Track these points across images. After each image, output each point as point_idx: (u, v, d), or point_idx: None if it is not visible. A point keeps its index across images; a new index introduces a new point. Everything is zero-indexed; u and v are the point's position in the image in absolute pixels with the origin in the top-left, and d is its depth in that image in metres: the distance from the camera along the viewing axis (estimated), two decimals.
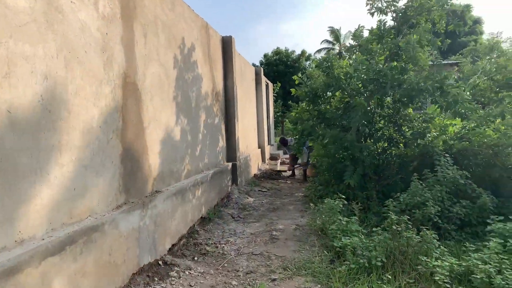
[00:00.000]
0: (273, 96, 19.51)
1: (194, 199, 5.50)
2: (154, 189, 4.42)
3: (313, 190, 7.69)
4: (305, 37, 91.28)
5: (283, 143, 11.34)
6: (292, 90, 7.95)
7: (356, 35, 7.66)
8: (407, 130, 7.37)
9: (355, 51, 7.77)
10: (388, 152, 7.69)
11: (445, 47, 7.70)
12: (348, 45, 7.75)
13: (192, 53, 5.90)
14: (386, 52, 7.22)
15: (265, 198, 7.88)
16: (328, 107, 7.67)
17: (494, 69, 10.20)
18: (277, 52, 34.19)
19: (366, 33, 7.69)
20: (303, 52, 35.28)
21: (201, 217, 5.83)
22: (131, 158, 3.91)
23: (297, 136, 7.59)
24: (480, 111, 6.14)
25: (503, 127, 7.07)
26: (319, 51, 42.15)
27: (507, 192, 5.84)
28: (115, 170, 3.61)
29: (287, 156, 13.35)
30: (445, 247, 4.50)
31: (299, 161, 10.98)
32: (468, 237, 5.52)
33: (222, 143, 7.60)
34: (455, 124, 7.88)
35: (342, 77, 6.89)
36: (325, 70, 7.08)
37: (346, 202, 5.89)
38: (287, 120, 31.91)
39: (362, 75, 6.97)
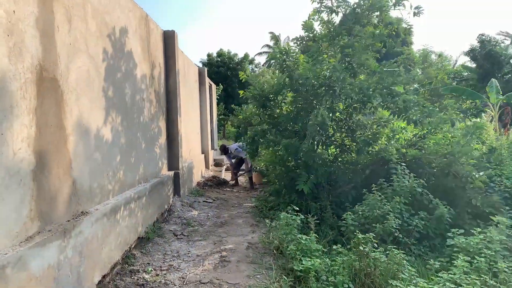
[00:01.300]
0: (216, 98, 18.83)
1: (130, 218, 4.69)
2: (79, 210, 3.58)
3: (263, 200, 7.16)
4: (245, 40, 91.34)
5: (223, 151, 10.58)
6: (240, 91, 7.37)
7: (308, 25, 7.21)
8: (359, 136, 7.12)
9: (305, 44, 7.35)
10: (339, 159, 7.41)
11: (381, 54, 7.61)
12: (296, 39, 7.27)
13: (129, 46, 5.09)
14: (337, 54, 6.92)
15: (211, 210, 7.20)
16: (278, 110, 7.19)
17: (426, 78, 10.41)
18: (220, 53, 33.51)
19: (316, 25, 7.32)
20: (245, 55, 34.95)
21: (139, 237, 5.02)
22: (48, 174, 3.06)
23: (247, 142, 6.99)
24: (435, 115, 6.00)
25: (449, 135, 7.08)
26: (259, 54, 42.17)
27: (462, 203, 5.74)
28: (25, 192, 2.76)
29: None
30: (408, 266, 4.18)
31: (242, 167, 10.41)
32: (427, 250, 5.31)
33: (163, 150, 6.80)
34: (405, 130, 7.82)
35: (299, 80, 6.45)
36: (283, 67, 6.56)
37: (299, 214, 5.43)
38: (229, 123, 31.45)
39: (312, 80, 6.59)
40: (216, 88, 19.54)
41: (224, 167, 11.51)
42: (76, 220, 3.38)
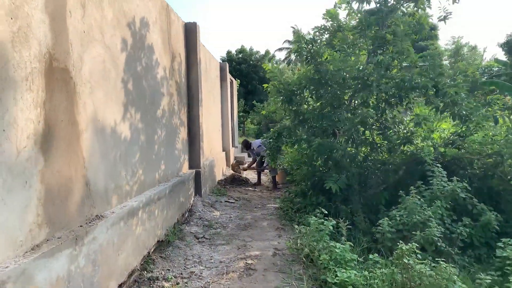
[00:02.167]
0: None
1: (149, 221, 4.38)
2: (94, 214, 3.28)
3: (289, 202, 6.77)
4: (265, 36, 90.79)
5: (246, 147, 10.26)
6: (265, 85, 6.98)
7: (331, 14, 6.69)
8: (393, 134, 6.63)
9: (329, 35, 6.83)
10: (370, 158, 6.93)
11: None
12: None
13: (149, 38, 4.77)
14: (369, 46, 6.43)
15: (234, 211, 6.85)
16: (306, 106, 6.77)
17: (458, 72, 9.82)
18: (241, 50, 33.23)
19: (342, 14, 6.85)
20: (266, 52, 34.57)
21: (158, 240, 4.71)
22: (58, 174, 2.76)
23: (271, 139, 6.58)
24: (481, 111, 5.45)
25: (490, 133, 6.51)
26: (280, 49, 41.62)
27: (510, 208, 5.21)
28: (31, 195, 2.45)
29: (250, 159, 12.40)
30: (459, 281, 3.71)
31: (265, 164, 9.96)
32: (472, 261, 4.81)
33: (184, 147, 6.49)
34: (443, 129, 7.28)
35: (327, 72, 6.01)
36: (308, 59, 6.11)
37: (330, 219, 5.04)
38: (248, 120, 31.19)
39: (343, 73, 6.14)
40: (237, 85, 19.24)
41: (246, 165, 11.06)
42: (90, 225, 3.07)
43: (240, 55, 32.69)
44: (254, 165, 10.08)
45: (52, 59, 2.72)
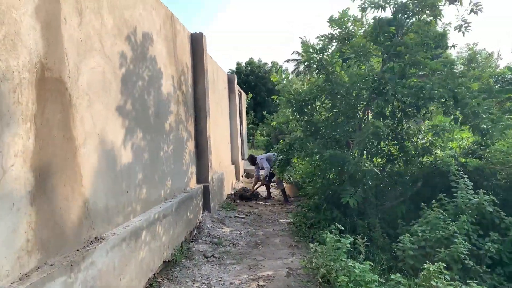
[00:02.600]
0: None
1: (155, 240, 4.12)
2: (93, 236, 3.03)
3: (301, 216, 6.46)
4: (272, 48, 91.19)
5: (252, 162, 9.83)
6: (274, 96, 6.74)
7: (340, 21, 6.39)
8: (409, 145, 6.31)
9: (340, 44, 6.53)
10: (386, 170, 6.61)
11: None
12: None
13: (152, 48, 4.57)
14: (384, 53, 6.16)
15: (244, 227, 6.56)
16: (318, 117, 6.50)
17: (472, 80, 9.45)
18: (250, 62, 33.27)
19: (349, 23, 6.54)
20: (273, 63, 34.56)
21: (165, 261, 4.44)
22: (51, 194, 2.52)
23: (282, 150, 6.29)
24: (504, 122, 5.12)
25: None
26: (288, 61, 41.57)
27: None
28: (19, 219, 2.22)
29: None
30: None
31: (274, 178, 9.53)
32: (502, 280, 4.44)
33: (191, 161, 6.25)
34: (462, 138, 6.94)
35: (340, 82, 5.75)
36: (319, 68, 5.86)
37: (347, 236, 4.74)
38: (257, 132, 30.99)
39: (358, 84, 5.87)
40: (246, 97, 19.08)
41: (254, 179, 10.51)
42: (88, 249, 2.82)
43: (249, 67, 32.71)
44: (258, 184, 9.54)
45: (45, 68, 2.50)
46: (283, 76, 6.32)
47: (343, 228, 5.13)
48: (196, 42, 6.60)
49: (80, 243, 2.84)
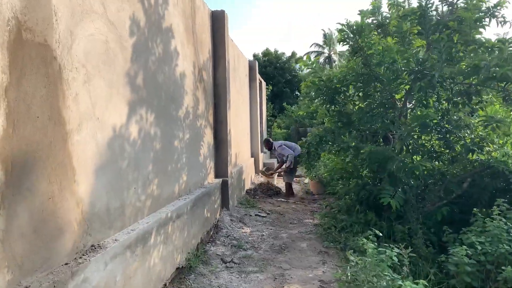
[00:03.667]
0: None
1: (166, 245, 3.51)
2: (88, 244, 2.43)
3: (330, 218, 5.78)
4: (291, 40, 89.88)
5: (267, 147, 9.13)
6: (303, 83, 6.03)
7: (375, 5, 5.68)
8: (457, 140, 5.54)
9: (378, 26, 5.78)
10: (426, 168, 5.85)
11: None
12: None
13: (168, 21, 3.94)
14: (429, 36, 5.38)
15: (266, 227, 5.92)
16: (351, 107, 5.78)
17: None
18: (266, 53, 32.40)
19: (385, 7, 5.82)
20: (293, 53, 33.63)
21: (178, 267, 3.84)
22: (30, 193, 1.93)
23: (310, 144, 5.57)
24: None
25: None
26: (308, 53, 40.52)
27: None
28: None
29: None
30: None
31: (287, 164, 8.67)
32: None
33: (209, 153, 5.64)
34: None
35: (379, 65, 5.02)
36: (357, 52, 5.11)
37: (390, 246, 4.09)
38: (275, 124, 30.28)
39: (399, 64, 5.13)
40: (266, 88, 18.37)
41: (276, 173, 9.64)
42: (79, 262, 2.22)
43: (265, 58, 31.84)
44: (282, 168, 8.80)
45: (22, 28, 1.89)
46: (312, 60, 5.60)
47: (380, 234, 4.46)
48: (217, 21, 5.94)
49: (71, 254, 2.25)
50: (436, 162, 5.81)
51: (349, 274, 3.71)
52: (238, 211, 6.44)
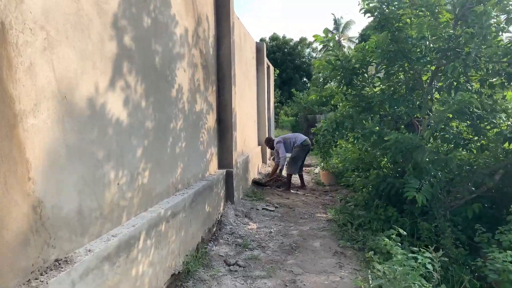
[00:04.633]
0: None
1: (158, 249, 2.98)
2: (50, 258, 1.89)
3: (346, 214, 5.22)
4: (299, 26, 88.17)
5: (269, 145, 8.40)
6: (316, 61, 5.40)
7: None
8: (489, 125, 4.92)
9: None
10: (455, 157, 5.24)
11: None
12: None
13: None
14: (457, 10, 4.72)
15: (274, 222, 5.39)
16: (370, 90, 5.15)
17: None
18: (274, 38, 31.54)
19: None
20: (302, 39, 32.69)
21: (174, 274, 3.32)
22: None
23: (325, 131, 4.94)
24: None
25: None
26: (315, 41, 39.51)
27: None
28: None
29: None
30: None
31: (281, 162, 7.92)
32: None
33: (211, 140, 5.08)
34: None
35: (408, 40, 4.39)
36: (384, 25, 4.45)
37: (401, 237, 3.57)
38: (282, 112, 29.70)
39: (428, 41, 4.50)
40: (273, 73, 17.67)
41: (274, 166, 8.75)
42: (32, 286, 1.68)
43: (273, 43, 30.99)
44: (278, 172, 8.09)
45: None
46: (329, 36, 4.96)
47: (404, 232, 3.93)
48: None
49: (22, 275, 1.71)
50: (464, 152, 5.22)
51: (373, 285, 3.18)
52: (244, 205, 5.90)
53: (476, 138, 5.04)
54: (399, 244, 3.97)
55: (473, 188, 4.99)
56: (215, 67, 5.25)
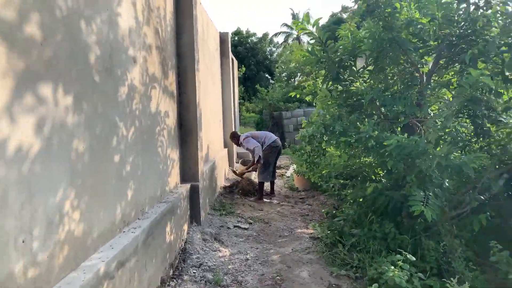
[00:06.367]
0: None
1: None
2: None
3: (334, 230, 4.43)
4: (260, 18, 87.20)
5: (234, 141, 7.49)
6: (300, 51, 4.57)
7: None
8: (492, 125, 4.32)
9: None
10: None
11: None
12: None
13: None
14: None
15: (250, 245, 4.51)
16: (359, 85, 4.39)
17: None
18: (237, 32, 30.55)
19: None
20: (264, 35, 31.92)
21: None
22: None
23: (311, 136, 4.12)
24: None
25: None
26: (276, 34, 38.96)
27: None
28: None
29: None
30: None
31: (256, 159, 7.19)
32: None
33: (172, 148, 4.12)
34: None
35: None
36: (374, 11, 3.71)
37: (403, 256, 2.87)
38: (243, 108, 28.85)
39: (435, 27, 3.80)
40: (238, 70, 16.69)
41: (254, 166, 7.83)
42: None
43: (236, 38, 30.02)
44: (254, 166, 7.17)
45: None
46: (312, 22, 4.15)
47: (413, 258, 3.27)
48: None
49: None
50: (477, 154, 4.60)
51: None
52: (212, 223, 4.97)
53: (475, 139, 4.46)
54: (408, 271, 3.29)
55: (481, 197, 4.39)
56: (175, 60, 4.28)
